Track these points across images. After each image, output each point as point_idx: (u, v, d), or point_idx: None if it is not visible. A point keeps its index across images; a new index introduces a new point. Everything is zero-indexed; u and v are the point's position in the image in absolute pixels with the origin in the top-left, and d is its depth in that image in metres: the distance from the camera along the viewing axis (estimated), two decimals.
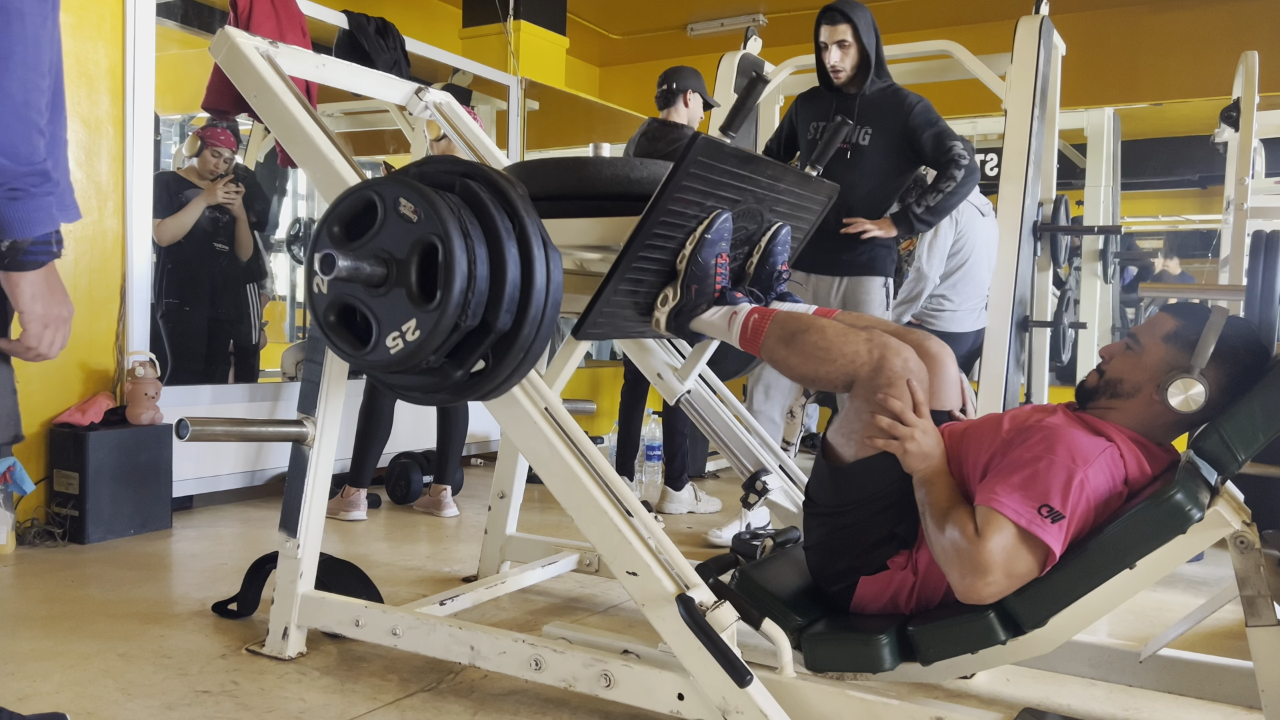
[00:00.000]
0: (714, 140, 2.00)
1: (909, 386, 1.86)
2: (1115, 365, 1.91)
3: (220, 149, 4.49)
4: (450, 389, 1.91)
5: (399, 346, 1.80)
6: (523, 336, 1.83)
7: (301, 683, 2.11)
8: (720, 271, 2.16)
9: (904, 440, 1.83)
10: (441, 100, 2.92)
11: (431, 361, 1.84)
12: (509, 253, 1.79)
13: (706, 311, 2.17)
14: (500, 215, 1.81)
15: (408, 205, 1.78)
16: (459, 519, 3.99)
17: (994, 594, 1.73)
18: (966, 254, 4.33)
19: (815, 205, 2.52)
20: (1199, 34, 6.57)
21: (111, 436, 3.41)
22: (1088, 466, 1.74)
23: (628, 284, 2.11)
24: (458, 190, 1.85)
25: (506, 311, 1.80)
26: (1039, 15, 3.98)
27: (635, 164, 2.17)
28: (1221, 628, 2.64)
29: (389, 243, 1.80)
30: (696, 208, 2.09)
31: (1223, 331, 1.78)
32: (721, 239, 2.14)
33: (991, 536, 1.71)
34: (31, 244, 1.31)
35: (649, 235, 2.03)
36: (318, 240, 1.89)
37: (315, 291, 1.90)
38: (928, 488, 1.83)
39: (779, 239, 2.33)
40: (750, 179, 2.18)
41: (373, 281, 1.80)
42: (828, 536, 1.97)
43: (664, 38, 7.90)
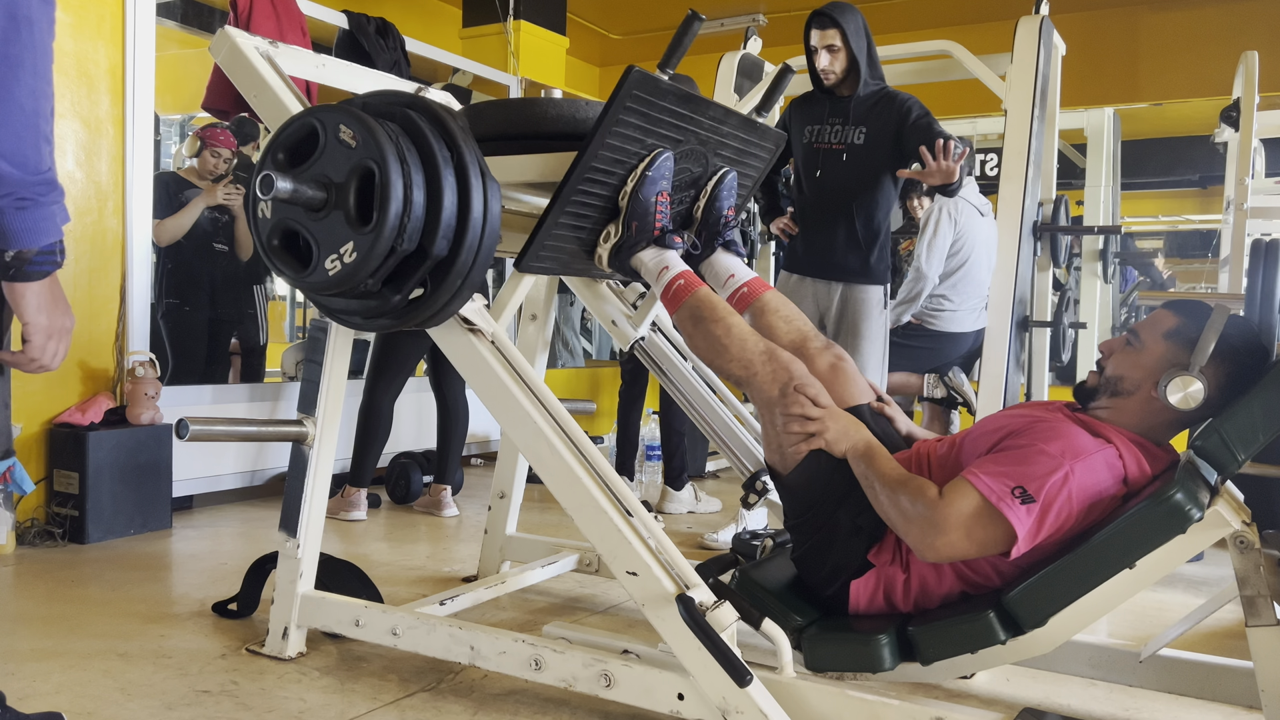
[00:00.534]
0: (650, 75, 2.02)
1: (799, 390, 1.93)
2: (1115, 362, 1.91)
3: (220, 149, 4.49)
4: (390, 313, 1.97)
5: (337, 268, 1.84)
6: (460, 263, 1.88)
7: (301, 683, 2.11)
8: (660, 209, 2.19)
9: (819, 432, 1.90)
10: (441, 99, 2.92)
11: (369, 285, 1.89)
12: (446, 180, 1.84)
13: (645, 250, 2.20)
14: (439, 144, 1.86)
15: (347, 132, 1.83)
16: (459, 519, 3.99)
17: (953, 553, 1.74)
18: (966, 254, 4.33)
19: (762, 153, 2.53)
20: (1199, 34, 6.56)
21: (111, 436, 3.41)
22: (1077, 462, 1.74)
23: (571, 218, 2.13)
24: (398, 119, 1.89)
25: (443, 238, 1.85)
26: (1039, 15, 3.97)
27: (580, 104, 2.20)
28: (1221, 628, 2.64)
29: (329, 168, 1.86)
30: (638, 144, 2.11)
31: (1223, 330, 1.78)
32: (662, 177, 2.17)
33: (954, 500, 1.74)
34: (37, 254, 1.30)
35: (588, 169, 2.05)
36: (262, 165, 1.92)
37: (259, 216, 1.94)
38: (866, 462, 1.87)
39: (725, 184, 2.35)
40: (692, 119, 2.20)
41: (312, 205, 1.85)
42: (805, 546, 2.01)
43: (664, 38, 7.86)
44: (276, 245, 1.94)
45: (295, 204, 1.85)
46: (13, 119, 1.23)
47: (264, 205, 1.92)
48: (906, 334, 4.41)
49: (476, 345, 2.03)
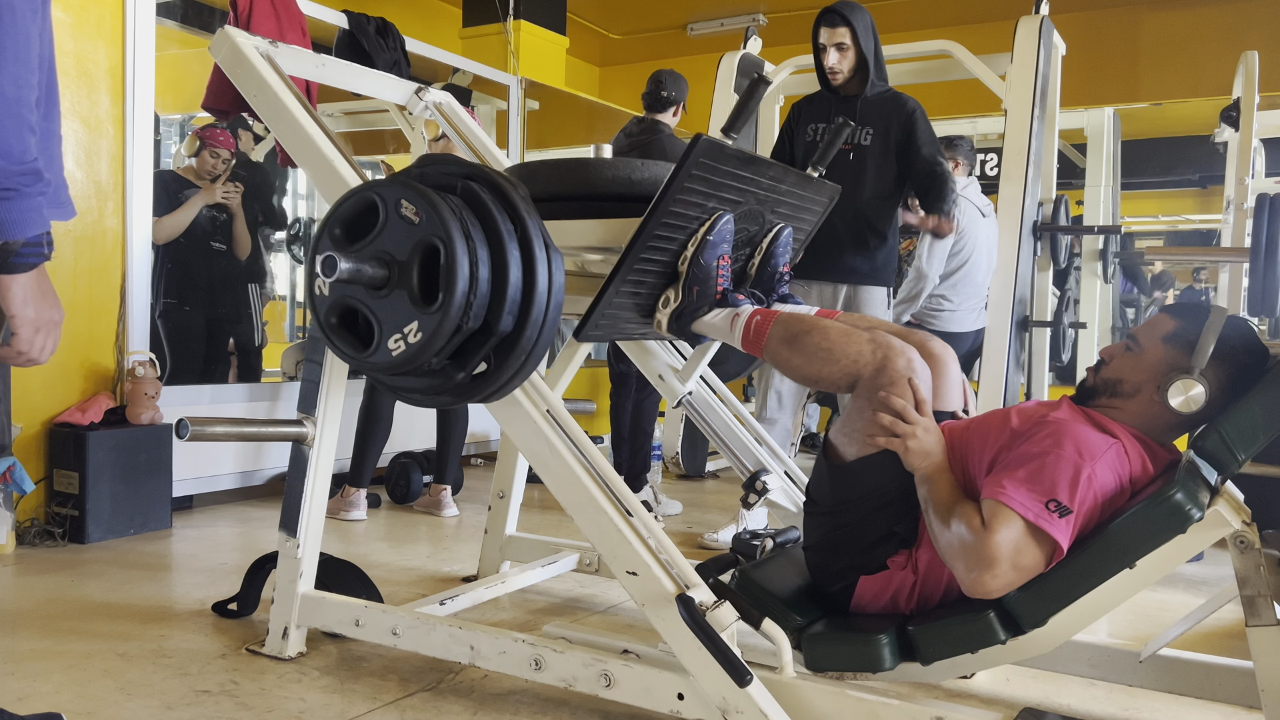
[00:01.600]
0: (716, 141, 2.00)
1: (911, 385, 1.86)
2: (1115, 366, 1.91)
3: (219, 150, 4.49)
4: (452, 391, 1.91)
5: (401, 349, 1.79)
6: (525, 338, 1.83)
7: (301, 682, 2.11)
8: (722, 273, 2.16)
9: (905, 438, 1.83)
10: (441, 100, 2.92)
11: (434, 364, 1.83)
12: (511, 254, 1.79)
13: (708, 313, 2.17)
14: (502, 217, 1.81)
15: (409, 207, 1.78)
16: (459, 519, 3.99)
17: (1001, 587, 1.73)
18: (967, 254, 4.33)
19: (817, 206, 2.52)
20: (1199, 34, 6.57)
21: (111, 436, 3.41)
22: (1095, 462, 1.74)
23: (629, 285, 2.10)
24: (459, 191, 1.84)
25: (509, 314, 1.80)
26: (1039, 15, 3.98)
27: (637, 165, 2.17)
28: (1221, 628, 2.64)
29: (390, 244, 1.80)
30: (698, 209, 2.09)
31: (1222, 332, 1.78)
32: (723, 240, 2.13)
33: (999, 530, 1.71)
34: (23, 245, 1.27)
35: (650, 237, 2.03)
36: (319, 242, 1.88)
37: (317, 293, 1.89)
38: (930, 485, 1.83)
39: (780, 240, 2.33)
40: (752, 180, 2.17)
41: (375, 283, 1.80)
42: (827, 536, 1.97)
43: (664, 38, 7.90)
44: (335, 324, 1.88)
45: (356, 283, 1.80)
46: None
47: (321, 282, 1.87)
48: None
49: None
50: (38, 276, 1.32)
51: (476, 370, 1.89)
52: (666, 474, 5.18)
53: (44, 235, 1.30)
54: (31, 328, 1.33)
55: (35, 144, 1.25)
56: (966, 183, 4.44)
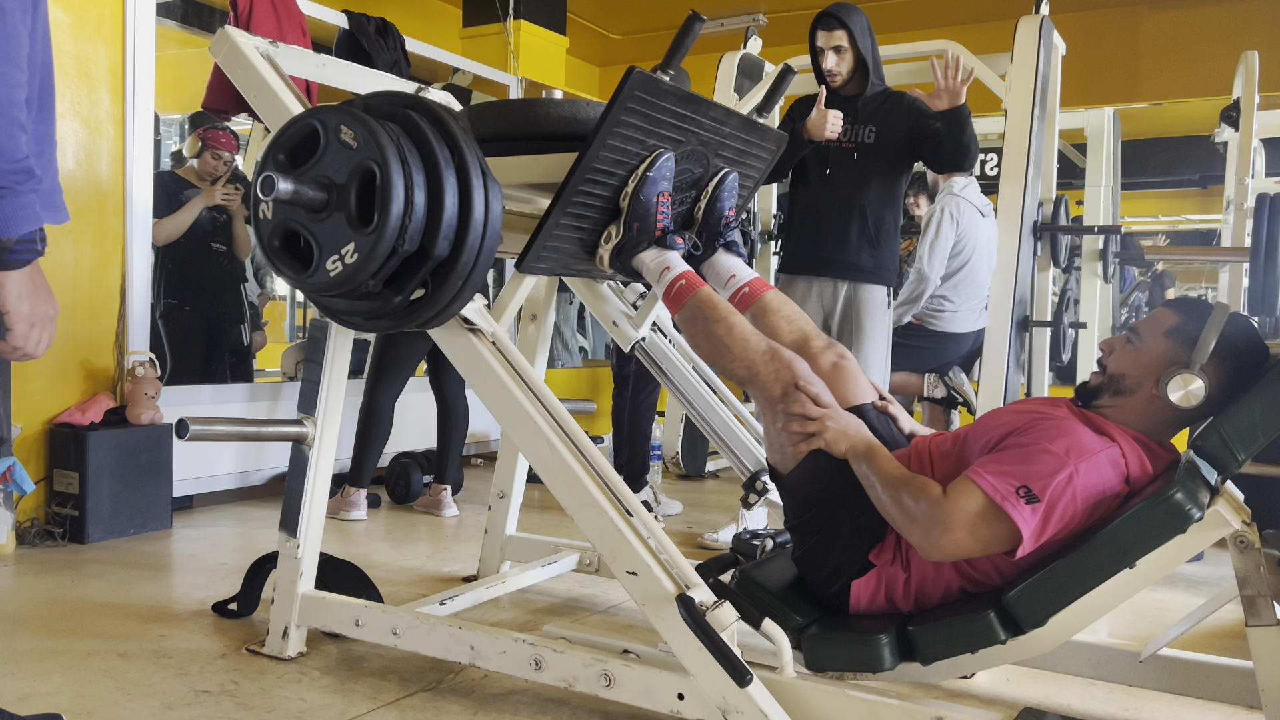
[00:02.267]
0: (650, 76, 2.02)
1: (800, 389, 1.93)
2: (1116, 359, 1.91)
3: (221, 151, 4.48)
4: (390, 314, 1.97)
5: (338, 269, 1.85)
6: (461, 264, 1.89)
7: (301, 682, 2.11)
8: (662, 210, 2.19)
9: (820, 432, 1.90)
10: (441, 99, 2.92)
11: (370, 286, 1.89)
12: (447, 181, 1.84)
13: (647, 251, 2.20)
14: (440, 145, 1.86)
15: (348, 133, 1.83)
16: (459, 519, 3.99)
17: (958, 551, 1.74)
18: (968, 255, 4.33)
19: (764, 153, 2.53)
20: (1199, 34, 6.57)
21: (111, 436, 3.41)
22: (1081, 461, 1.74)
23: (572, 219, 2.13)
24: (399, 120, 1.89)
25: (444, 239, 1.85)
26: (1039, 15, 3.98)
27: (582, 104, 2.20)
28: (1221, 628, 2.64)
29: (330, 169, 1.86)
30: (639, 145, 2.11)
31: (1224, 328, 1.79)
32: (663, 178, 2.16)
33: (958, 499, 1.73)
34: (16, 242, 1.29)
35: (590, 170, 2.05)
36: (263, 166, 1.92)
37: (261, 217, 1.94)
38: (866, 461, 1.86)
39: (726, 185, 2.35)
40: (693, 119, 2.20)
41: (313, 206, 1.85)
42: (805, 546, 2.00)
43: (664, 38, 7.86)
44: (278, 246, 1.94)
45: (296, 205, 1.86)
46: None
47: (265, 206, 1.92)
48: (907, 334, 4.41)
49: (477, 345, 2.03)
50: (31, 272, 1.34)
51: (414, 295, 1.94)
52: (666, 474, 5.18)
53: (37, 232, 1.32)
54: (26, 323, 1.35)
55: (26, 143, 1.27)
56: (966, 183, 4.44)
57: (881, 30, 3.47)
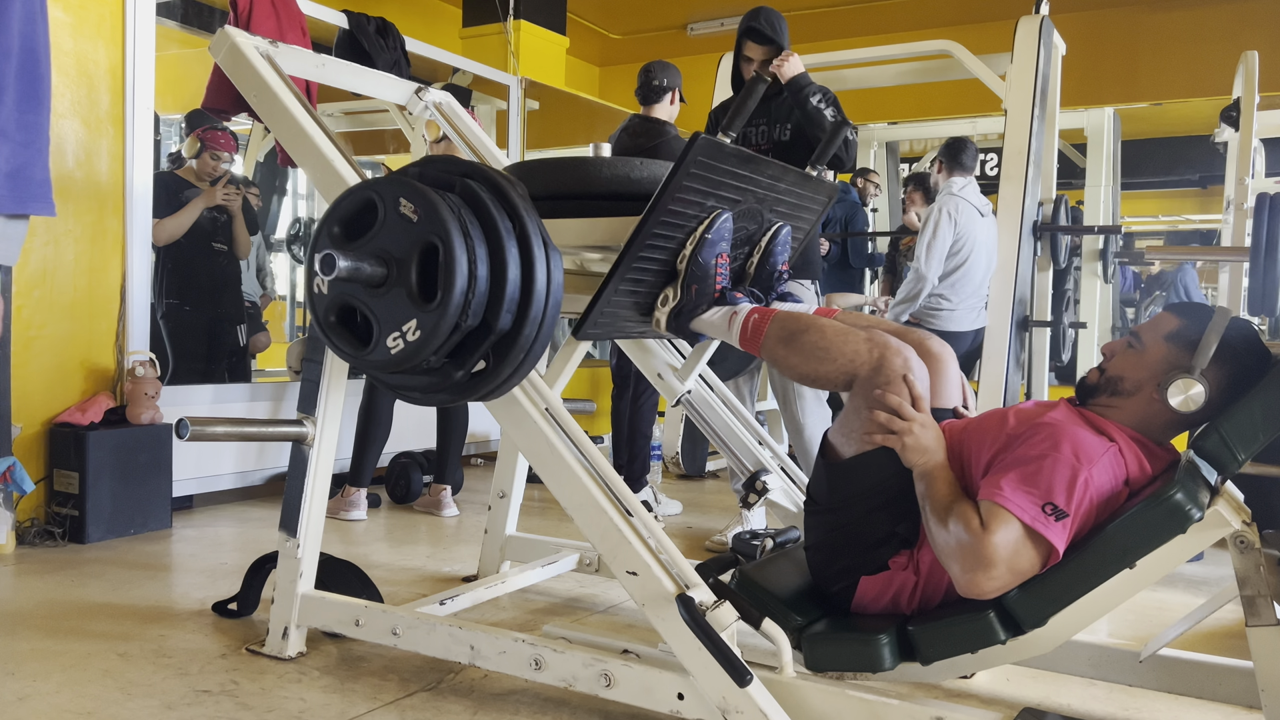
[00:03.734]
0: (714, 141, 2.00)
1: (907, 382, 1.86)
2: (1116, 363, 1.91)
3: (220, 152, 4.48)
4: (451, 389, 1.91)
5: (399, 347, 1.79)
6: (524, 337, 1.83)
7: (301, 682, 2.11)
8: (720, 272, 2.16)
9: (902, 434, 1.83)
10: (441, 100, 2.92)
11: (432, 362, 1.83)
12: (509, 253, 1.79)
13: (707, 311, 2.17)
14: (500, 215, 1.81)
15: (408, 205, 1.78)
16: (459, 519, 3.99)
17: (997, 588, 1.73)
18: (966, 254, 4.34)
19: (815, 205, 2.52)
20: (1199, 34, 6.57)
21: (111, 436, 3.41)
22: (1092, 466, 1.74)
23: (628, 284, 2.11)
24: (458, 190, 1.84)
25: (507, 312, 1.80)
26: (1039, 15, 3.98)
27: (635, 164, 2.17)
28: (1221, 628, 2.64)
29: (389, 243, 1.80)
30: (697, 208, 2.09)
31: (1224, 333, 1.78)
32: (722, 239, 2.14)
33: (996, 531, 1.71)
34: None
35: (649, 235, 2.03)
36: (318, 240, 1.88)
37: (315, 292, 1.89)
38: (928, 482, 1.83)
39: (779, 239, 2.33)
40: (750, 179, 2.18)
41: (373, 282, 1.80)
42: (827, 536, 1.97)
43: (664, 38, 7.90)
44: (334, 322, 1.88)
45: (355, 281, 1.80)
46: None
47: (319, 280, 1.86)
48: None
49: None
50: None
51: (475, 368, 1.88)
52: (666, 474, 5.18)
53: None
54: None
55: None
56: (965, 183, 4.44)
57: (881, 30, 3.49)
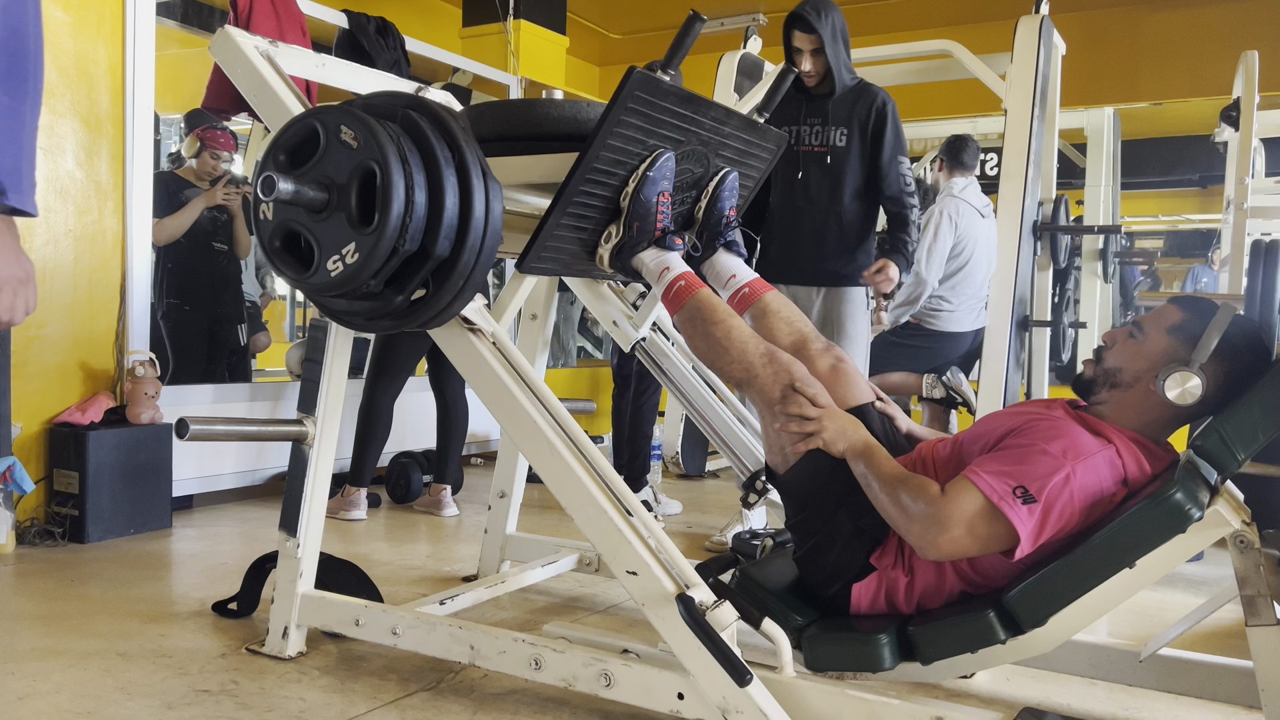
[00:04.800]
0: (651, 77, 2.02)
1: (798, 389, 1.93)
2: (1116, 352, 1.91)
3: (220, 151, 4.48)
4: (391, 315, 1.97)
5: (339, 269, 1.84)
6: (462, 263, 1.88)
7: (301, 682, 2.11)
8: (662, 210, 2.19)
9: (817, 431, 1.90)
10: (441, 100, 2.92)
11: (371, 286, 1.89)
12: (447, 180, 1.84)
13: (646, 251, 2.20)
14: (440, 144, 1.86)
15: (348, 132, 1.83)
16: (459, 518, 3.99)
17: (956, 550, 1.74)
18: (967, 255, 4.33)
19: (764, 153, 2.53)
20: (1199, 34, 6.57)
21: (111, 436, 3.41)
22: (1078, 462, 1.74)
23: (572, 219, 2.13)
24: (399, 120, 1.89)
25: (445, 238, 1.85)
26: (1039, 15, 3.98)
27: (583, 105, 2.20)
28: (1221, 628, 2.64)
29: (330, 169, 1.86)
30: (639, 145, 2.11)
31: (1227, 329, 1.78)
32: (663, 177, 2.16)
33: (956, 498, 1.73)
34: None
35: (590, 170, 2.05)
36: (263, 167, 1.92)
37: (261, 218, 1.94)
38: (864, 461, 1.86)
39: (726, 184, 2.35)
40: (693, 119, 2.20)
41: (314, 206, 1.85)
42: (805, 547, 2.00)
43: (664, 37, 7.87)
44: (278, 246, 1.94)
45: (297, 205, 1.85)
46: None
47: (266, 207, 1.92)
48: (905, 334, 4.41)
49: (477, 345, 2.03)
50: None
51: (415, 295, 1.94)
52: (666, 474, 5.18)
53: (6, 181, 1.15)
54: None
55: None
56: (966, 184, 4.44)
57: (881, 30, 3.48)
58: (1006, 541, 1.74)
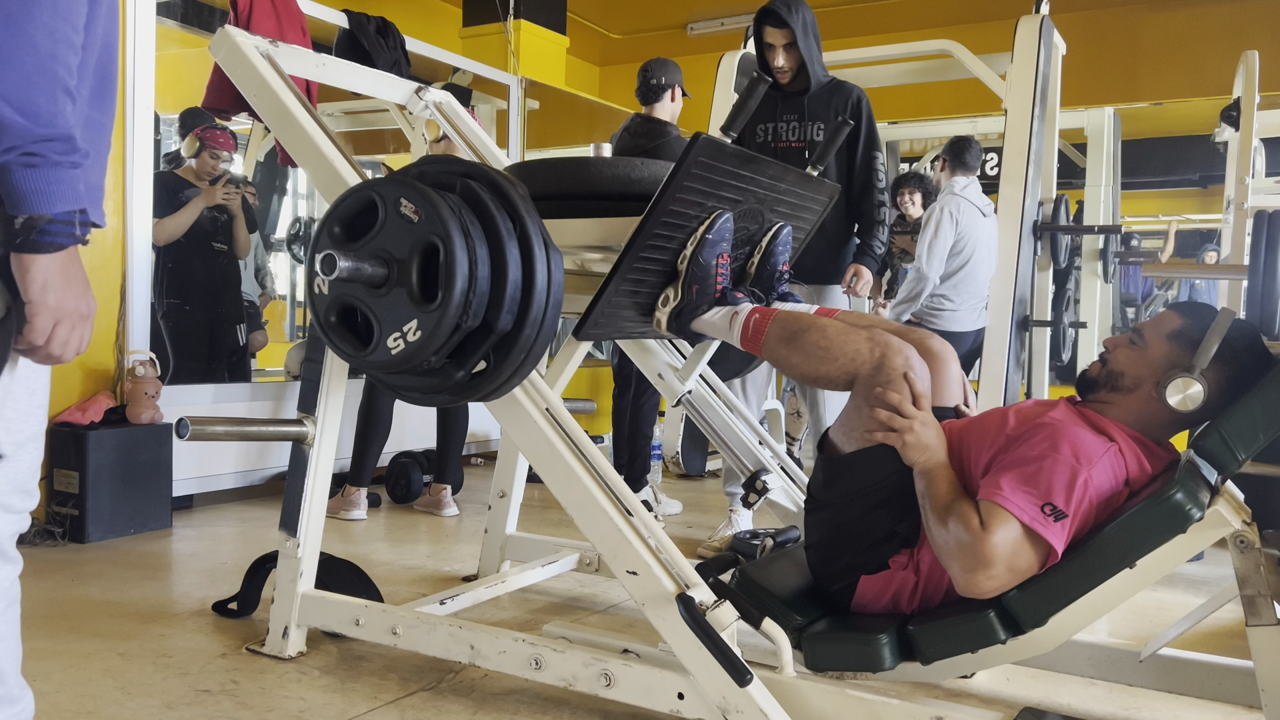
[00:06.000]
0: (715, 140, 2.00)
1: (908, 380, 1.86)
2: (1117, 358, 1.91)
3: (219, 151, 4.48)
4: (451, 389, 1.91)
5: (400, 347, 1.79)
6: (524, 337, 1.83)
7: (301, 682, 2.11)
8: (721, 272, 2.16)
9: (902, 432, 1.83)
10: (441, 99, 2.92)
11: (433, 362, 1.84)
12: (510, 253, 1.79)
13: (708, 312, 2.17)
14: (501, 215, 1.81)
15: (408, 205, 1.78)
16: (459, 518, 3.99)
17: (996, 588, 1.73)
18: (968, 254, 4.34)
19: (816, 205, 2.52)
20: (1199, 34, 6.57)
21: (111, 436, 3.41)
22: (1091, 466, 1.74)
23: (629, 284, 2.11)
24: (458, 190, 1.84)
25: (508, 312, 1.80)
26: (1039, 15, 3.98)
27: (636, 164, 2.17)
28: (1221, 628, 2.64)
29: (390, 243, 1.80)
30: (697, 208, 2.09)
31: (1227, 334, 1.78)
32: (723, 239, 2.14)
33: (995, 530, 1.71)
34: (50, 222, 1.10)
35: (650, 235, 2.03)
36: (318, 241, 1.88)
37: (316, 292, 1.89)
38: (928, 480, 1.83)
39: (780, 239, 2.33)
40: (751, 179, 2.18)
41: (374, 282, 1.80)
42: (827, 534, 1.97)
43: (664, 37, 7.90)
44: (334, 322, 1.88)
45: (356, 281, 1.80)
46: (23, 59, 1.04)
47: (322, 281, 1.87)
48: None
49: None
50: (65, 260, 1.15)
51: (476, 369, 1.88)
52: (666, 474, 5.18)
53: (76, 214, 1.13)
54: (49, 317, 1.14)
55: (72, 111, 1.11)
56: (967, 182, 4.44)
57: (881, 30, 3.47)
58: (1040, 564, 1.73)
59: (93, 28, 1.16)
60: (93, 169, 1.19)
